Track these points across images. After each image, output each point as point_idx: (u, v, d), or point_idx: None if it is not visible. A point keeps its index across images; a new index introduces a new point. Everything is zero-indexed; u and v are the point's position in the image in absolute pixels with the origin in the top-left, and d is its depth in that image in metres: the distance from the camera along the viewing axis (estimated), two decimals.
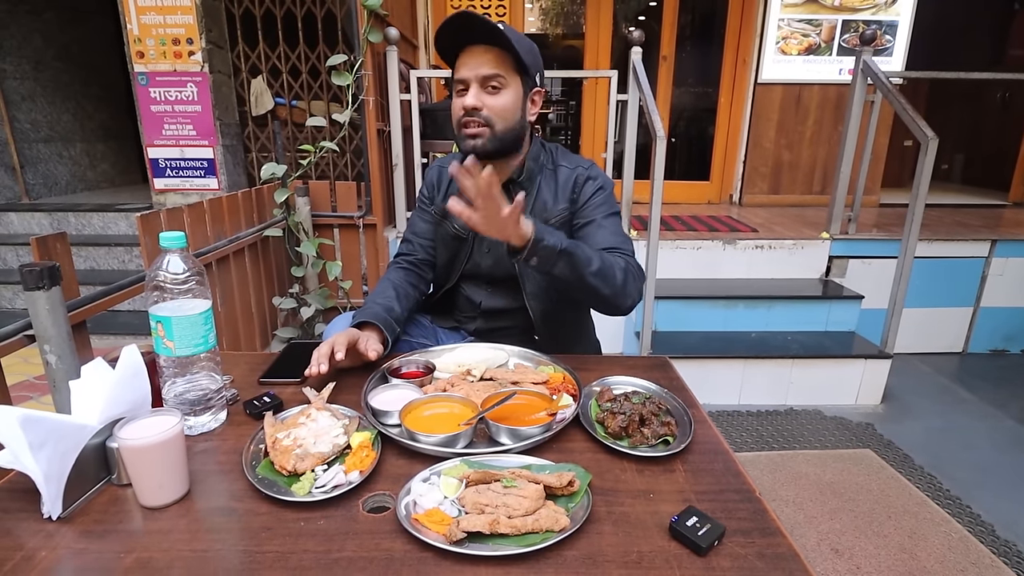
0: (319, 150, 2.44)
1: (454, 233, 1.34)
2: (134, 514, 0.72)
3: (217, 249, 2.04)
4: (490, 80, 1.15)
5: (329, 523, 0.69)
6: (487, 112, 1.16)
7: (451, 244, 1.35)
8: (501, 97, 1.17)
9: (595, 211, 1.26)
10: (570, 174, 1.29)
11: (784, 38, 3.84)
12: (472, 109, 1.15)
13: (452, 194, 1.26)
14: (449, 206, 0.99)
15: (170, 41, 3.38)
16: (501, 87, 1.16)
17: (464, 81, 1.16)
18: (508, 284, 1.31)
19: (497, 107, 1.16)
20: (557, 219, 1.27)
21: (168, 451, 0.71)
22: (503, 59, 1.15)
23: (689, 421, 0.90)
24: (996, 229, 3.27)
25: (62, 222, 3.78)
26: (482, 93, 1.16)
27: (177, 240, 0.81)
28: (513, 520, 0.66)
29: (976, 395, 2.74)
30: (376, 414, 0.89)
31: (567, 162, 1.31)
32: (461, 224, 1.28)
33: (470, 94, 1.16)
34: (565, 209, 1.28)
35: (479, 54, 1.15)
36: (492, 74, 1.15)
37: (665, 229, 3.13)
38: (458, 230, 1.33)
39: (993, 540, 1.76)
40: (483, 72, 1.14)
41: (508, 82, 1.17)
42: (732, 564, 0.64)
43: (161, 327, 0.82)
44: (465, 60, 1.17)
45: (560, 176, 1.29)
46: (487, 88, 1.16)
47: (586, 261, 1.07)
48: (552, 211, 1.28)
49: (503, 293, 1.33)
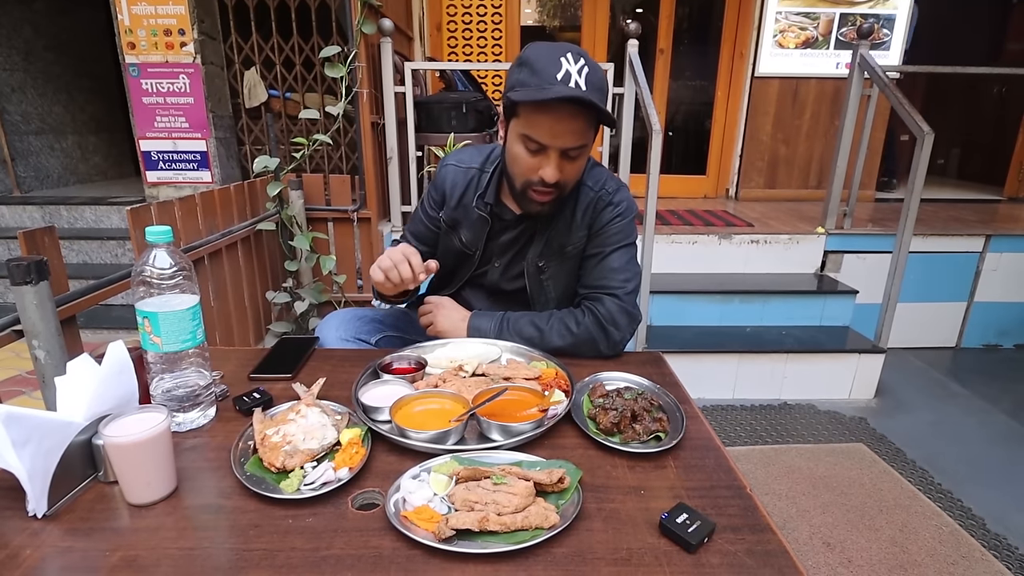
0: (312, 143, 2.42)
1: (460, 248, 1.27)
2: (121, 512, 0.71)
3: (209, 243, 2.03)
4: (572, 151, 1.05)
5: (317, 520, 0.69)
6: (563, 180, 1.08)
7: (455, 256, 1.30)
8: (579, 162, 1.09)
9: (605, 242, 1.19)
10: (591, 197, 1.19)
11: (781, 31, 3.83)
12: (554, 184, 1.06)
13: (466, 204, 1.23)
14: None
15: (162, 32, 3.35)
16: (580, 155, 1.07)
17: (541, 144, 1.04)
18: (512, 296, 1.28)
19: (573, 173, 1.09)
20: (573, 248, 1.20)
21: (155, 448, 0.70)
22: (590, 123, 1.04)
23: (681, 417, 0.90)
24: (991, 224, 3.28)
25: (54, 215, 3.75)
26: (562, 162, 1.06)
27: (164, 235, 0.80)
28: (503, 517, 0.66)
29: (969, 389, 2.75)
30: (366, 410, 0.88)
31: (591, 181, 1.20)
32: (469, 238, 1.25)
33: (551, 166, 1.04)
34: (583, 237, 1.20)
35: (569, 122, 1.01)
36: (578, 145, 1.05)
37: (661, 223, 3.12)
38: (464, 245, 1.27)
39: (984, 533, 1.77)
40: (570, 145, 1.04)
41: (588, 146, 1.08)
42: (722, 561, 0.64)
43: (148, 323, 0.81)
44: (547, 124, 1.02)
45: (582, 198, 1.19)
46: (567, 156, 1.06)
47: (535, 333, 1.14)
48: (570, 239, 1.20)
49: (504, 303, 1.29)
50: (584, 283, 1.21)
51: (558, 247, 1.20)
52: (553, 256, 1.21)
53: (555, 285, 1.24)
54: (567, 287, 1.25)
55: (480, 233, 1.24)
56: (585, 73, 0.99)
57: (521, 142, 1.06)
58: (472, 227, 1.24)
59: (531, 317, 1.17)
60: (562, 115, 1.00)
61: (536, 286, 1.23)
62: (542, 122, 1.02)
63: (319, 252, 2.55)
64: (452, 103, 2.95)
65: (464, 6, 4.00)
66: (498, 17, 4.01)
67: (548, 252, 1.21)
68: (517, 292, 1.26)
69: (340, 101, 2.49)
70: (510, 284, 1.26)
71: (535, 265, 1.21)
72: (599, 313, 1.13)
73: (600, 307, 1.14)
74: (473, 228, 1.24)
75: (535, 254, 1.21)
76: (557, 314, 1.16)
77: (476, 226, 1.24)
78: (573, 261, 1.22)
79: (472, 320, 1.19)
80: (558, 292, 1.25)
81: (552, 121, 1.01)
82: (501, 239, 1.25)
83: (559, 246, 1.20)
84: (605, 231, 1.19)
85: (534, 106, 1.01)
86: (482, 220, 1.22)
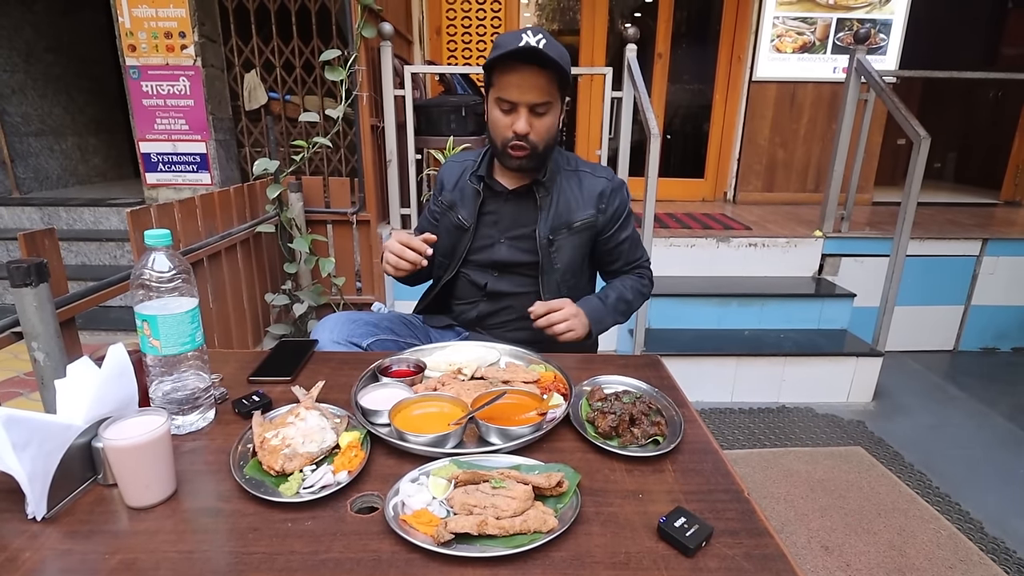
0: (312, 146, 2.42)
1: (457, 223, 1.37)
2: (120, 514, 0.71)
3: (209, 245, 2.03)
4: (539, 106, 1.20)
5: (317, 524, 0.69)
6: (534, 136, 1.22)
7: (453, 233, 1.39)
8: (546, 120, 1.23)
9: (624, 228, 1.39)
10: (595, 183, 1.35)
11: (779, 36, 3.84)
12: (523, 135, 1.21)
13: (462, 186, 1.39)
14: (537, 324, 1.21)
15: (162, 34, 3.35)
16: (547, 112, 1.22)
17: (512, 103, 1.20)
18: (519, 269, 1.36)
19: (543, 130, 1.23)
20: (581, 223, 1.34)
21: (154, 451, 0.71)
22: (551, 82, 1.19)
23: (679, 421, 0.91)
24: (988, 228, 3.29)
25: (53, 217, 3.75)
26: (531, 117, 1.21)
27: (163, 238, 0.80)
28: (501, 521, 0.66)
29: (966, 393, 2.75)
30: (365, 413, 0.89)
31: (588, 168, 1.38)
32: (464, 214, 1.36)
33: (521, 120, 1.20)
34: (592, 215, 1.34)
35: (530, 77, 1.17)
36: (543, 102, 1.20)
37: (659, 226, 3.13)
38: (461, 220, 1.37)
39: (981, 537, 1.77)
40: (534, 100, 1.19)
41: (553, 105, 1.22)
42: (719, 565, 0.64)
43: (147, 326, 0.81)
44: (515, 81, 1.18)
45: (585, 182, 1.35)
46: (534, 112, 1.21)
47: (629, 310, 1.39)
48: (577, 215, 1.33)
49: (511, 278, 1.37)
50: (628, 260, 1.43)
51: (565, 222, 1.33)
52: (561, 230, 1.33)
53: (561, 257, 1.34)
54: (572, 260, 1.36)
55: (473, 206, 1.35)
56: (543, 43, 1.14)
57: (497, 106, 1.23)
58: (466, 203, 1.37)
59: (618, 293, 1.37)
60: (525, 74, 1.17)
61: (546, 258, 1.33)
62: (510, 81, 1.18)
63: (318, 254, 2.55)
64: (451, 106, 2.95)
65: (463, 10, 4.01)
66: (497, 21, 4.02)
67: (557, 226, 1.33)
68: (526, 265, 1.35)
69: (340, 104, 2.49)
70: (520, 257, 1.35)
71: (546, 239, 1.32)
72: (649, 276, 1.47)
73: (647, 272, 1.47)
74: (467, 204, 1.37)
75: (545, 230, 1.32)
76: (628, 283, 1.41)
77: (469, 201, 1.37)
78: (580, 236, 1.35)
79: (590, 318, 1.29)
80: (563, 264, 1.35)
81: (518, 79, 1.17)
82: (499, 213, 1.35)
83: (566, 221, 1.33)
84: (622, 219, 1.38)
85: (501, 70, 1.18)
86: (474, 192, 1.36)
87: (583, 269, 1.41)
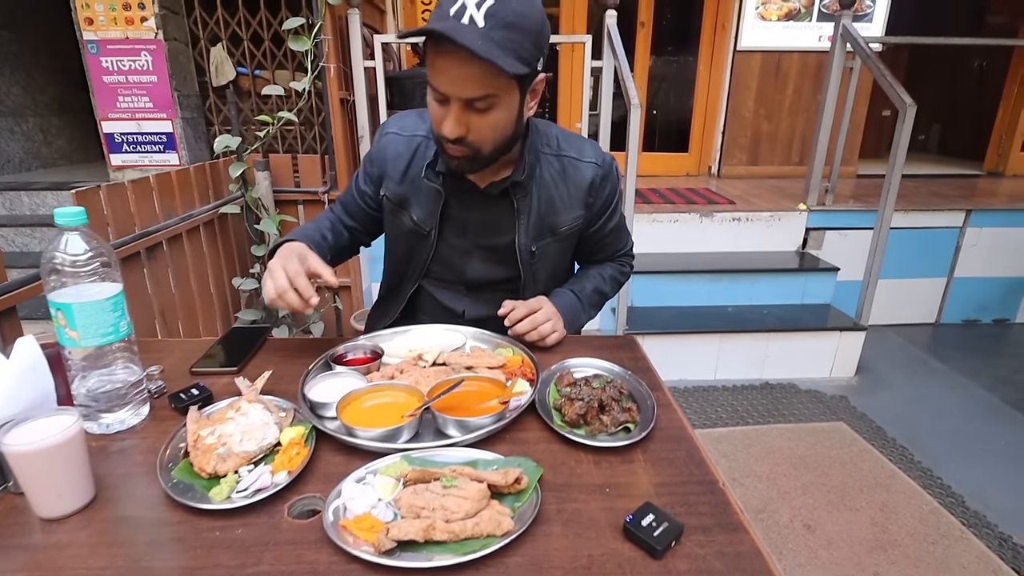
0: (277, 121, 2.31)
1: (412, 228, 1.11)
2: (32, 526, 0.64)
3: (168, 227, 1.93)
4: (478, 101, 0.88)
5: (248, 532, 0.62)
6: (472, 138, 0.92)
7: (408, 239, 1.14)
8: (492, 116, 0.91)
9: (612, 216, 1.18)
10: (583, 172, 1.09)
11: (764, 3, 3.74)
12: (456, 139, 0.92)
13: (413, 177, 1.08)
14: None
15: (120, 6, 3.18)
16: (491, 106, 0.89)
17: (442, 94, 0.89)
18: (497, 286, 1.14)
19: (486, 128, 0.92)
20: (568, 228, 1.12)
21: (65, 456, 0.63)
22: (492, 72, 0.84)
23: (652, 406, 0.85)
24: (971, 199, 3.27)
25: (14, 202, 3.59)
26: (467, 114, 0.90)
27: (75, 216, 0.72)
28: (451, 525, 0.60)
29: (948, 365, 2.75)
30: (312, 406, 0.82)
31: (572, 151, 1.10)
32: (420, 216, 1.10)
33: (451, 119, 0.89)
34: (580, 216, 1.11)
35: (460, 66, 0.84)
36: (479, 96, 0.87)
37: (642, 202, 3.06)
38: (417, 224, 1.10)
39: (963, 511, 1.76)
40: (469, 94, 0.87)
41: (500, 98, 0.89)
42: (689, 566, 0.59)
43: (62, 315, 0.73)
44: (442, 67, 0.86)
45: (569, 172, 1.09)
46: (472, 108, 0.89)
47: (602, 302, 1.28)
48: (562, 217, 1.10)
49: (490, 297, 1.14)
50: (612, 250, 1.26)
51: (549, 227, 1.11)
52: (545, 237, 1.11)
53: (543, 267, 1.15)
54: (555, 270, 1.18)
55: (433, 208, 1.08)
56: (487, 6, 0.82)
57: (431, 92, 0.92)
58: (423, 203, 1.09)
59: (594, 284, 1.23)
60: (454, 59, 0.84)
61: (528, 273, 1.13)
62: (437, 66, 0.87)
63: None
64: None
65: None
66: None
67: (540, 233, 1.10)
68: (504, 282, 1.14)
69: (306, 76, 2.37)
70: (497, 273, 1.13)
71: (528, 251, 1.10)
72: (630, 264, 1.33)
73: (629, 260, 1.32)
74: (424, 204, 1.09)
75: (526, 240, 1.09)
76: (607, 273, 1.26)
77: (428, 201, 1.09)
78: (565, 242, 1.15)
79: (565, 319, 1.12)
80: (545, 275, 1.16)
81: (446, 64, 0.85)
82: (467, 219, 1.10)
83: (550, 226, 1.10)
84: (609, 207, 1.16)
85: (429, 48, 0.87)
86: (434, 193, 1.07)
87: (566, 270, 1.25)
